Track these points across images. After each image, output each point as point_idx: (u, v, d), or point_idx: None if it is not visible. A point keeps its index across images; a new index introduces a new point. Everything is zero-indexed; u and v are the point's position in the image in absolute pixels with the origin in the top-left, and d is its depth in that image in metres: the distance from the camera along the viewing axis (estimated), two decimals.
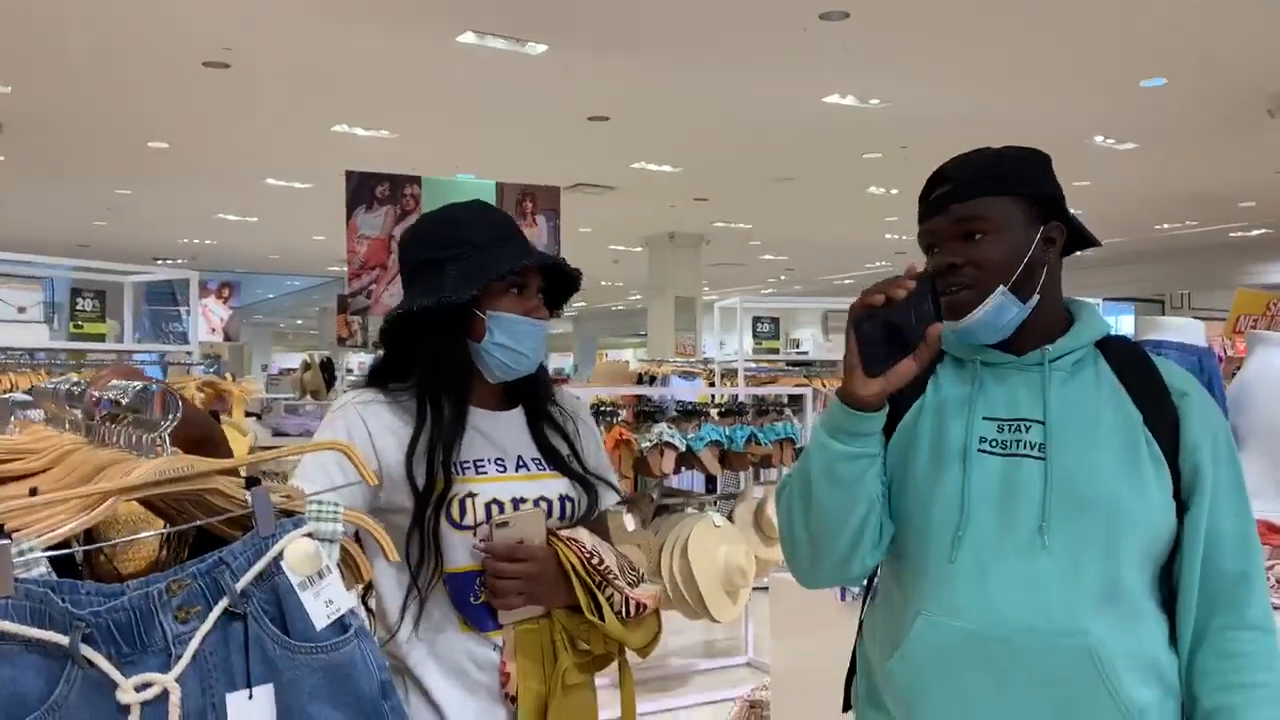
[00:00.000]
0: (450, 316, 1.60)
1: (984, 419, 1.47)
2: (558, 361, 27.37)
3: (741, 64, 7.80)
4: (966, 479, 1.43)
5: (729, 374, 8.24)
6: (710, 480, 6.33)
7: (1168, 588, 1.45)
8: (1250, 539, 1.46)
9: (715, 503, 5.20)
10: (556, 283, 1.75)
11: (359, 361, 22.63)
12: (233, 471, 1.16)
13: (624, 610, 1.60)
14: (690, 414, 5.04)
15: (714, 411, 5.25)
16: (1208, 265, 17.93)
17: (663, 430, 4.70)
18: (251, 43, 7.31)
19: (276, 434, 8.21)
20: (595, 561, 1.60)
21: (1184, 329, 3.31)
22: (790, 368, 8.47)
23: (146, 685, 1.00)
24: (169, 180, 12.15)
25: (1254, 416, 3.14)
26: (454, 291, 1.58)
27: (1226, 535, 1.43)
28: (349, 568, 1.18)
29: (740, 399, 5.64)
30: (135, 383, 1.15)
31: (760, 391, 5.91)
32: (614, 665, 1.70)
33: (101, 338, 5.65)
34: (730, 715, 3.15)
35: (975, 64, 7.81)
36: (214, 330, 15.31)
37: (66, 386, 1.48)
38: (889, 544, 1.50)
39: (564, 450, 1.73)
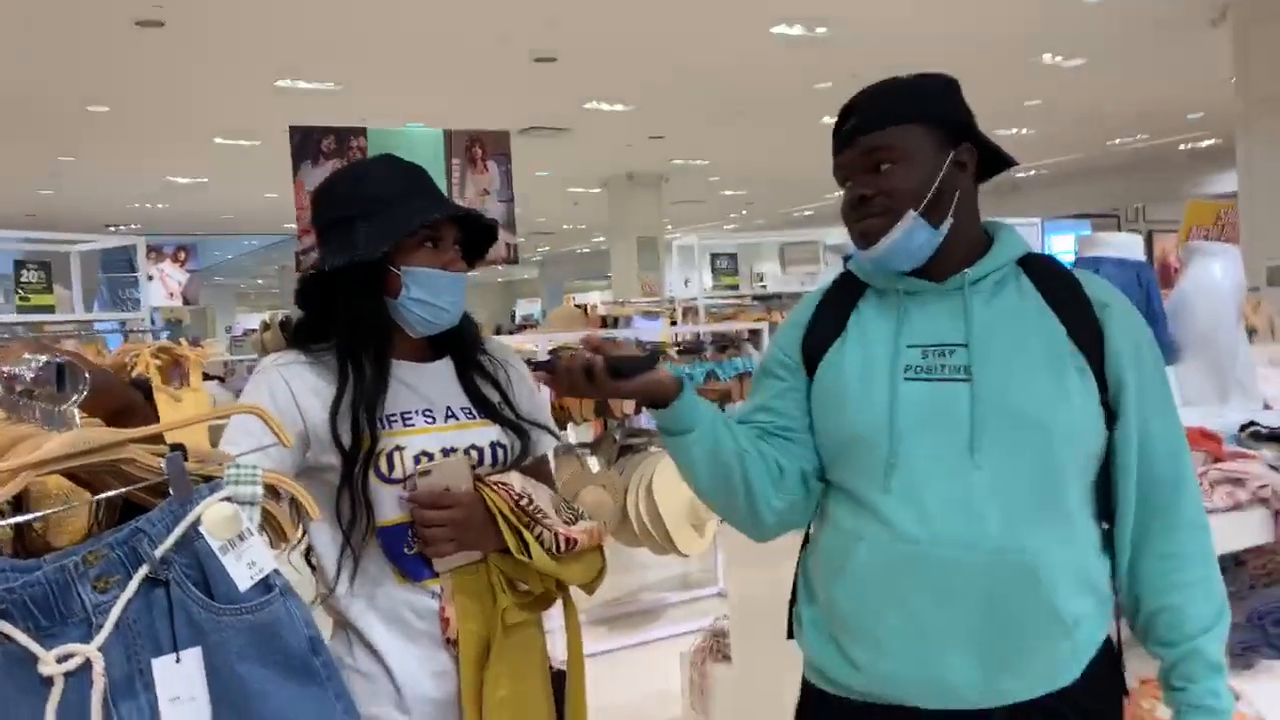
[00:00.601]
0: (364, 274, 1.59)
1: (908, 346, 1.49)
2: (525, 308, 27.24)
3: None
4: (894, 406, 1.45)
5: (690, 311, 8.26)
6: None
7: (1099, 497, 1.49)
8: (1179, 443, 1.50)
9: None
10: (475, 235, 1.73)
11: None
12: (156, 439, 1.16)
13: (555, 547, 1.62)
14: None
15: (673, 351, 5.27)
16: (1160, 178, 18.04)
17: None
18: None
19: (240, 396, 8.14)
20: (524, 503, 1.61)
21: (1122, 244, 3.34)
22: (754, 302, 8.49)
23: (68, 656, 1.01)
24: (113, 144, 11.91)
25: (1193, 326, 3.19)
26: (366, 249, 1.56)
27: (1157, 439, 1.46)
28: (273, 528, 1.19)
29: (700, 336, 5.66)
30: (39, 357, 1.14)
31: (720, 328, 5.93)
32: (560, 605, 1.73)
33: (51, 309, 5.56)
34: (693, 645, 3.21)
35: None
36: (172, 295, 15.10)
37: None
38: (806, 479, 1.56)
39: (494, 398, 1.73)
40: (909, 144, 1.47)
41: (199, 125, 11.27)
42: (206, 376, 7.30)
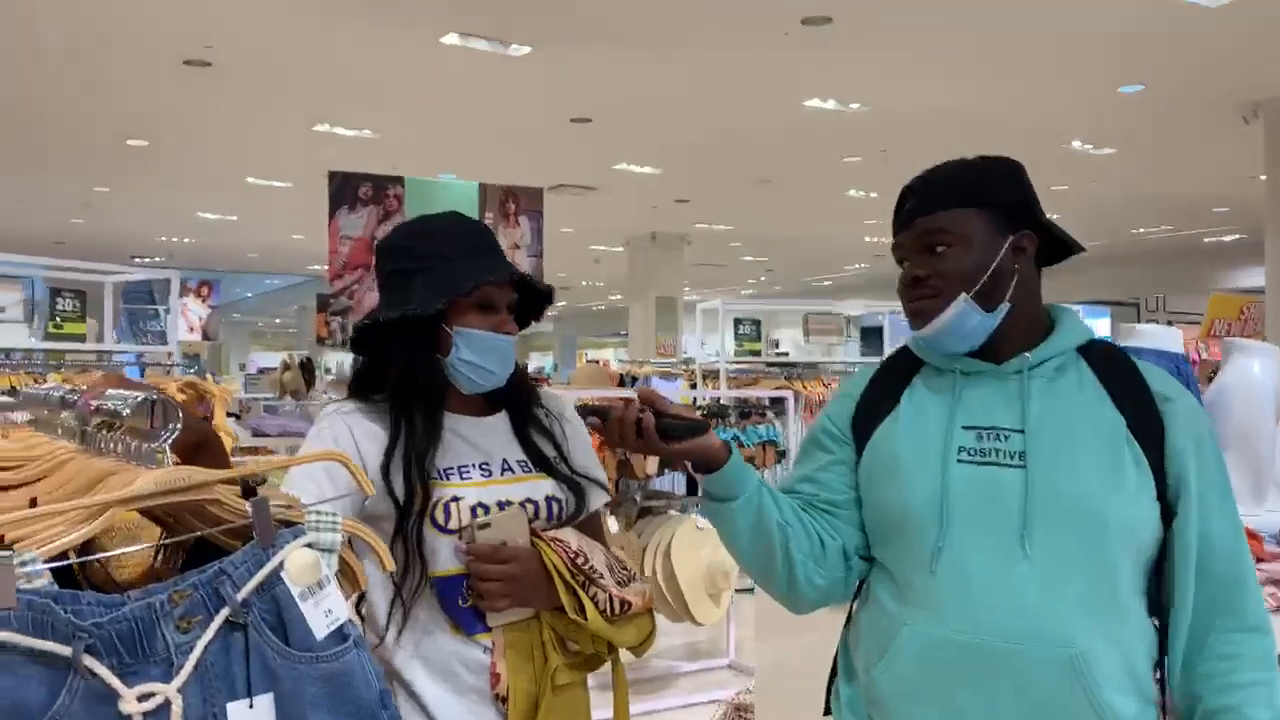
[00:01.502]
0: (417, 329, 1.62)
1: (963, 428, 1.48)
2: (537, 361, 27.33)
3: (724, 67, 7.83)
4: (946, 489, 1.44)
5: (710, 375, 8.27)
6: (691, 482, 6.37)
7: (1151, 593, 1.46)
8: (1240, 541, 1.47)
9: (698, 504, 5.22)
10: (530, 296, 1.75)
11: (337, 361, 22.58)
12: (230, 480, 1.16)
13: (609, 608, 1.61)
14: None
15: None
16: (1182, 269, 18.12)
17: None
18: (233, 41, 7.28)
19: (256, 434, 8.17)
20: (580, 561, 1.61)
21: (1161, 337, 3.34)
22: (769, 369, 8.51)
23: (149, 695, 1.01)
24: (148, 178, 12.08)
25: (1230, 423, 3.18)
26: (420, 304, 1.59)
27: (1218, 537, 1.44)
28: (346, 577, 1.19)
29: (722, 401, 5.66)
30: (134, 393, 1.16)
31: (742, 394, 5.93)
32: (608, 666, 1.72)
33: (81, 338, 5.61)
34: (713, 718, 3.17)
35: (955, 69, 7.87)
36: (192, 330, 15.21)
37: (60, 393, 1.49)
38: (848, 556, 1.55)
39: (550, 452, 1.74)
40: (965, 228, 1.48)
41: (233, 164, 11.43)
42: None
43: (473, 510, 1.60)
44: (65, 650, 0.98)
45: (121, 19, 6.85)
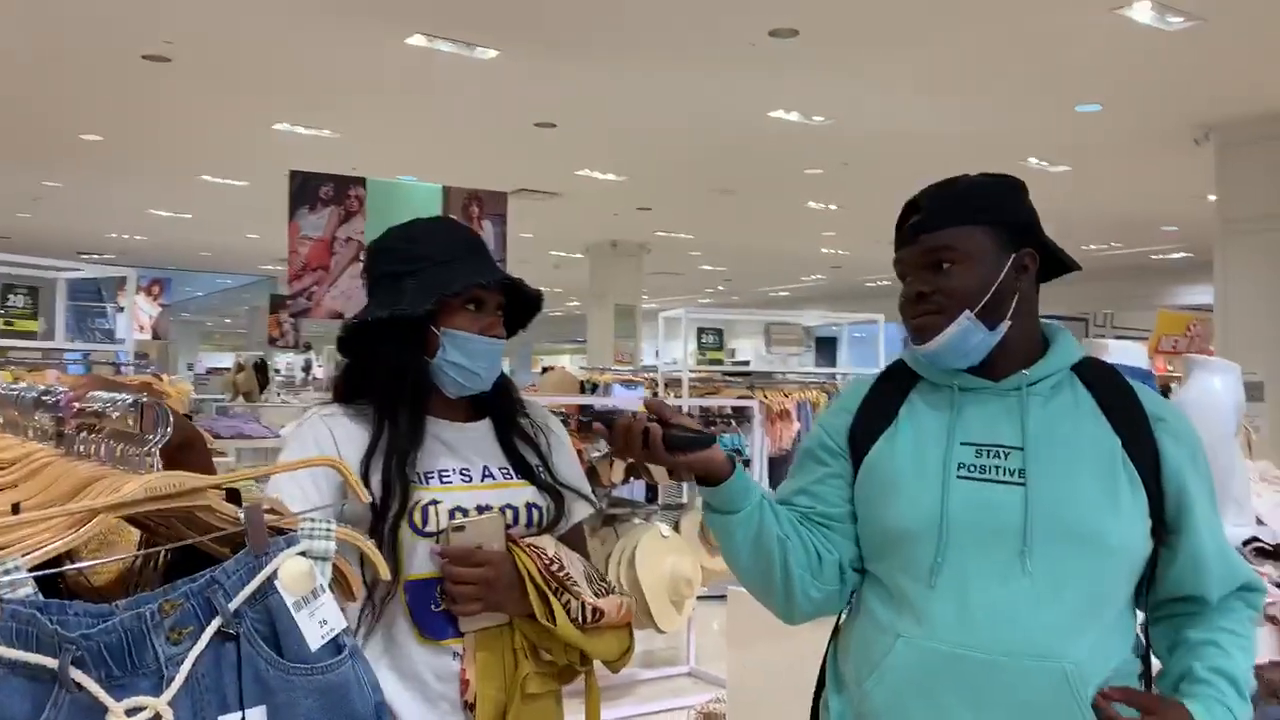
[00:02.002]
0: (405, 330, 1.61)
1: (962, 444, 1.48)
2: None
3: (690, 76, 7.84)
4: (945, 504, 1.44)
5: (671, 383, 8.27)
6: (651, 489, 6.35)
7: (1138, 596, 1.50)
8: (1231, 550, 1.53)
9: (659, 512, 5.21)
10: (518, 303, 1.75)
11: (286, 362, 22.29)
12: (217, 487, 1.13)
13: (581, 616, 1.59)
14: None
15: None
16: (1130, 286, 18.44)
17: None
18: (194, 37, 7.16)
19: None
20: (554, 568, 1.59)
21: (1126, 351, 3.39)
22: (728, 378, 8.53)
23: (138, 709, 0.97)
24: (100, 173, 11.83)
25: None
26: (409, 305, 1.58)
27: (1215, 551, 1.49)
28: (339, 586, 1.16)
29: (685, 409, 5.65)
30: (121, 395, 1.12)
31: (707, 403, 5.93)
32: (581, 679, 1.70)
33: (33, 334, 5.48)
34: None
35: (917, 84, 7.95)
36: (142, 328, 14.94)
37: (33, 394, 1.44)
38: (843, 570, 1.56)
39: (533, 460, 1.73)
40: (970, 245, 1.48)
41: (190, 161, 11.24)
42: None
43: (450, 514, 1.59)
44: (51, 662, 0.94)
45: (80, 12, 6.70)
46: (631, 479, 5.05)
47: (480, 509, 1.61)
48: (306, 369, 21.63)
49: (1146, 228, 14.36)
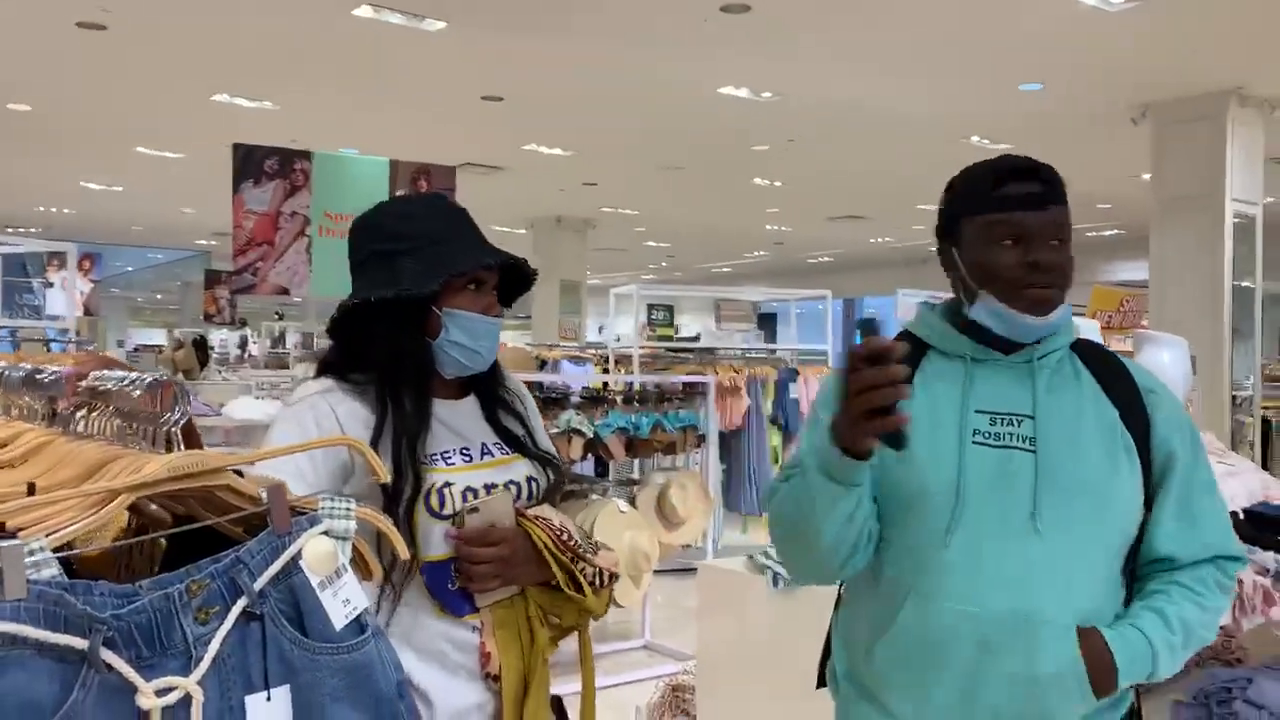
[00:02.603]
0: (405, 310, 1.59)
1: (976, 412, 1.54)
2: None
3: (641, 51, 7.82)
4: (962, 468, 1.50)
5: (621, 359, 8.29)
6: (600, 465, 6.37)
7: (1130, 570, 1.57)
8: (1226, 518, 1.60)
9: (615, 488, 5.23)
10: (509, 278, 1.75)
11: (220, 339, 21.84)
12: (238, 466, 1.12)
13: (597, 581, 1.64)
14: (596, 401, 5.05)
15: (619, 399, 5.28)
16: None
17: (571, 417, 4.70)
18: (132, 3, 6.95)
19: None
20: (565, 538, 1.62)
21: (1082, 328, 3.48)
22: (674, 354, 8.56)
23: (168, 689, 0.96)
24: (28, 144, 11.45)
25: None
26: (412, 285, 1.57)
27: (1186, 515, 1.56)
28: (357, 566, 1.16)
29: (638, 386, 5.68)
30: (134, 374, 1.10)
31: (661, 379, 5.96)
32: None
33: None
34: (651, 699, 3.19)
35: (865, 61, 8.02)
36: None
37: (21, 373, 1.41)
38: (873, 538, 1.56)
39: (519, 432, 1.74)
40: (1070, 227, 1.56)
41: (124, 132, 10.93)
42: None
43: (463, 495, 1.60)
44: (81, 643, 0.93)
45: None
46: (588, 455, 5.07)
47: (488, 488, 1.63)
48: (242, 346, 21.24)
49: (1083, 205, 14.59)
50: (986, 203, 1.53)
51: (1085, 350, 1.62)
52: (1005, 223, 1.52)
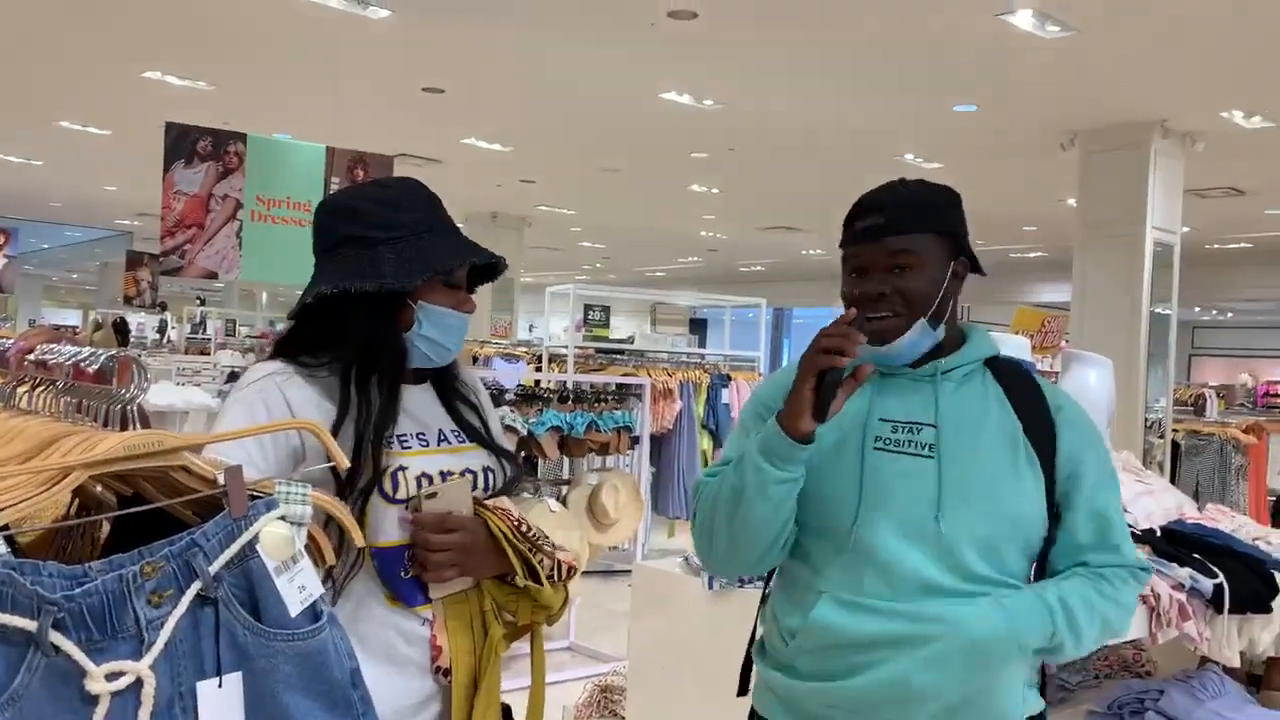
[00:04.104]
0: (378, 301, 1.57)
1: (880, 420, 1.62)
2: None
3: (586, 51, 7.81)
4: (863, 473, 1.58)
5: (555, 359, 8.26)
6: (530, 464, 6.34)
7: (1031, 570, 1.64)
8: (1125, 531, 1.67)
9: (545, 487, 5.22)
10: (474, 269, 1.73)
11: (138, 323, 21.22)
12: (197, 449, 1.09)
13: (555, 574, 1.62)
14: (531, 399, 5.03)
15: (554, 397, 5.26)
16: (989, 282, 19.17)
17: (504, 414, 4.68)
18: None
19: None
20: (523, 528, 1.60)
21: (1012, 344, 3.56)
22: (605, 355, 8.56)
23: (118, 674, 0.94)
24: None
25: None
26: (396, 279, 1.54)
27: (1116, 525, 1.64)
28: (312, 552, 1.14)
29: (571, 385, 5.67)
30: (90, 349, 1.07)
31: (595, 379, 5.95)
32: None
33: None
34: (578, 700, 3.19)
35: (807, 75, 8.11)
36: None
37: None
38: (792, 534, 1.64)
39: (475, 423, 1.73)
40: (927, 251, 1.60)
41: (46, 105, 10.57)
42: None
43: (418, 480, 1.57)
44: (30, 624, 0.90)
45: None
46: (522, 453, 5.04)
47: (444, 474, 1.61)
48: (161, 331, 20.69)
49: (1009, 227, 15.02)
50: (844, 238, 1.64)
51: (999, 367, 1.69)
52: (851, 256, 1.63)
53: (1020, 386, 1.66)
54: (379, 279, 1.54)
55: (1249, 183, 11.12)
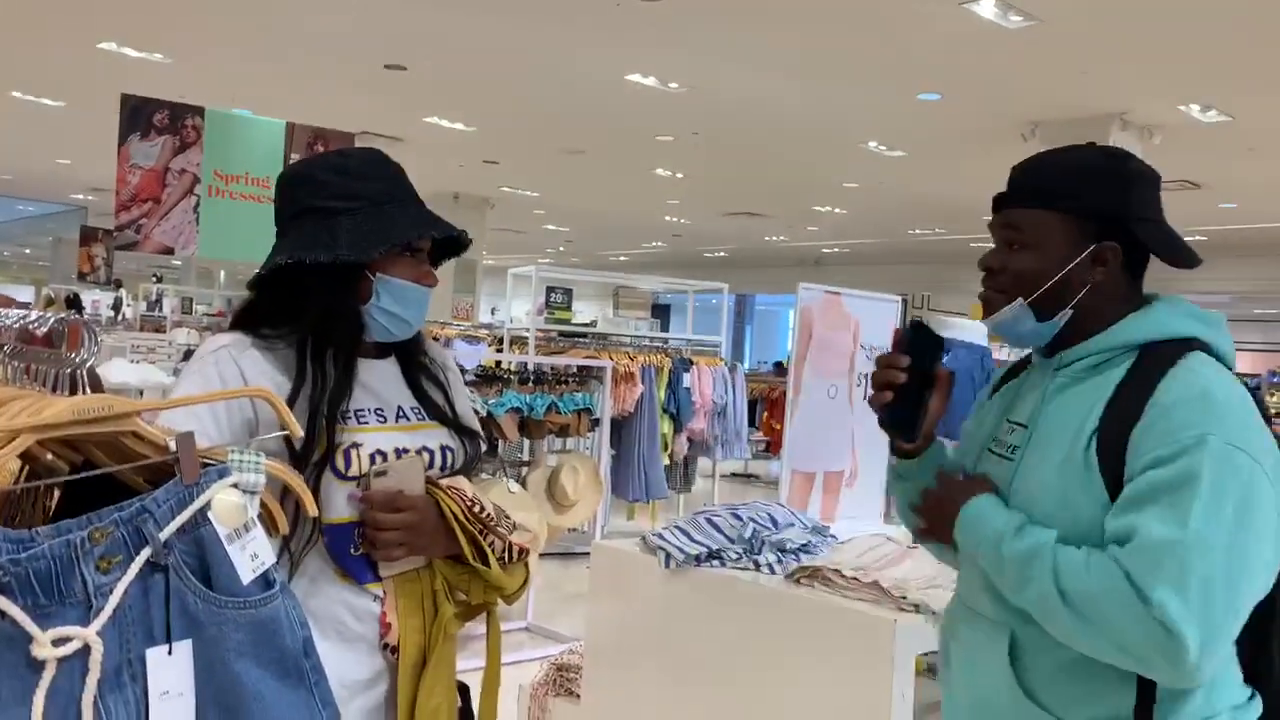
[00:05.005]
0: (338, 273, 1.54)
1: (1006, 420, 1.54)
2: None
3: (551, 30, 7.76)
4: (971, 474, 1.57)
5: (516, 341, 8.23)
6: (490, 445, 6.32)
7: None
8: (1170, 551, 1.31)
9: (505, 468, 5.21)
10: (439, 243, 1.71)
11: (93, 299, 20.85)
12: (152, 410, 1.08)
13: (506, 555, 1.61)
14: (490, 379, 5.01)
15: (514, 378, 5.25)
16: (948, 270, 19.44)
17: None
18: None
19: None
20: (476, 509, 1.59)
21: (969, 330, 3.61)
22: (567, 338, 8.53)
23: (65, 640, 0.93)
24: None
25: None
26: (352, 250, 1.52)
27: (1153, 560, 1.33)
28: (265, 521, 1.13)
29: (534, 366, 5.66)
30: (40, 313, 1.05)
31: (558, 361, 5.94)
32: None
33: None
34: (535, 678, 3.19)
35: (772, 59, 8.12)
36: None
37: None
38: None
39: (440, 400, 1.71)
40: (1040, 232, 1.44)
41: None
42: None
43: (371, 457, 1.55)
44: None
45: None
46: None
47: (399, 451, 1.59)
48: (116, 308, 20.36)
49: (969, 215, 15.09)
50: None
51: (1150, 354, 1.41)
52: (989, 224, 1.53)
53: (1144, 379, 1.37)
54: (334, 250, 1.51)
55: (1204, 176, 11.30)
